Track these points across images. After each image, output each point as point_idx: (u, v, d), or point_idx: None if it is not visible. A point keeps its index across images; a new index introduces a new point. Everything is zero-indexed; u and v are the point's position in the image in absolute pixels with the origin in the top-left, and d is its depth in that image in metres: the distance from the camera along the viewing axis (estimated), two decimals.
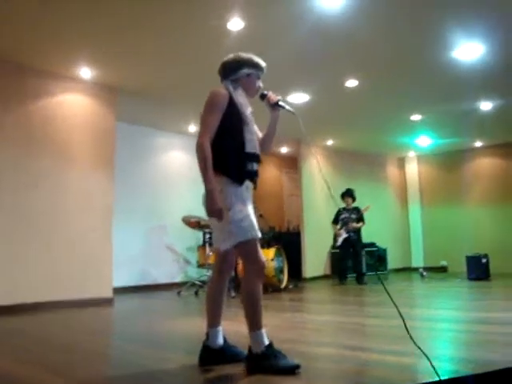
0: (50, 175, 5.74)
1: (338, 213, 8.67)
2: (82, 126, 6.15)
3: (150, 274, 7.93)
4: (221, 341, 2.66)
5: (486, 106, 7.48)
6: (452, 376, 2.18)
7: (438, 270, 10.45)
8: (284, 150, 10.95)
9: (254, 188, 2.67)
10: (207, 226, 7.38)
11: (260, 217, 8.08)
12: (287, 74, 6.11)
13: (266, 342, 2.43)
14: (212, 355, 2.62)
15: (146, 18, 4.65)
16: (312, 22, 4.66)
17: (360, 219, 8.51)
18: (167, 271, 8.19)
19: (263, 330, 2.46)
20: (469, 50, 5.39)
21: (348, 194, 8.68)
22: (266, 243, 7.62)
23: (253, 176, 2.59)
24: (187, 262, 8.45)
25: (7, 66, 5.48)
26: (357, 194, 8.79)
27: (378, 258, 10.27)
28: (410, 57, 5.61)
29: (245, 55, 2.69)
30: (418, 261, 11.51)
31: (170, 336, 3.79)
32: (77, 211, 5.93)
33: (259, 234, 2.52)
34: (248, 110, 2.63)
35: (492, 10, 4.55)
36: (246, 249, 2.49)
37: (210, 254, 7.16)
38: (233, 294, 6.50)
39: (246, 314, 2.49)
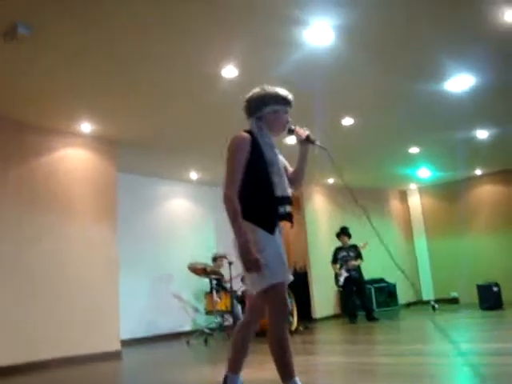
0: (53, 229, 5.74)
1: (336, 252, 8.77)
2: (83, 180, 6.20)
3: (157, 324, 7.82)
4: None
5: (481, 134, 7.53)
6: None
7: (449, 302, 10.30)
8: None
9: (291, 227, 2.57)
10: (214, 273, 7.34)
11: None
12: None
13: None
14: None
15: (141, 72, 4.76)
16: (303, 62, 4.72)
17: (358, 256, 8.55)
18: (175, 320, 8.08)
19: (297, 379, 2.33)
20: (460, 81, 5.48)
21: (343, 233, 8.77)
22: None
23: (287, 218, 2.49)
24: (195, 309, 8.35)
25: (7, 122, 5.56)
26: (361, 231, 8.76)
27: (388, 293, 10.13)
28: (403, 91, 5.69)
29: (270, 89, 2.59)
30: (428, 294, 11.35)
31: None
32: (81, 264, 5.90)
33: (291, 278, 2.44)
34: (274, 152, 2.54)
35: (480, 44, 4.65)
36: (275, 292, 2.35)
37: (218, 300, 7.09)
38: None
39: (279, 363, 2.34)
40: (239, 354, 2.58)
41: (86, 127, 6.03)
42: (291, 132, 2.66)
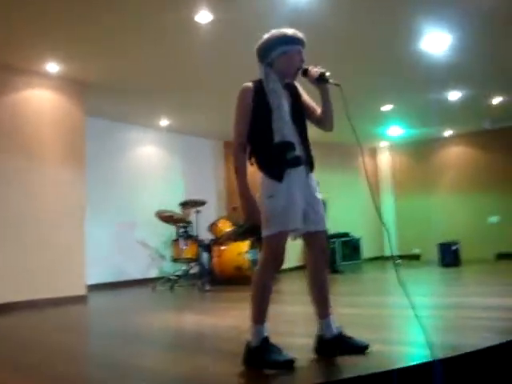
0: (19, 172, 5.63)
1: None
2: (50, 122, 6.04)
3: (124, 270, 7.85)
4: (334, 331, 2.50)
5: (454, 95, 7.59)
6: (424, 361, 2.21)
7: (410, 258, 10.61)
8: None
9: (311, 171, 2.58)
10: (180, 220, 7.35)
11: (233, 210, 8.09)
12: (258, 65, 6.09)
13: (264, 335, 2.34)
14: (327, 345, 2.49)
15: (111, 11, 4.56)
16: (283, 14, 4.62)
17: None
18: (142, 267, 8.12)
19: (264, 325, 2.36)
20: (436, 40, 5.45)
21: None
22: (241, 236, 7.61)
23: (295, 163, 2.44)
24: (162, 256, 8.39)
25: None
26: (330, 185, 8.84)
27: (353, 247, 10.35)
28: (379, 48, 5.65)
29: (276, 32, 2.50)
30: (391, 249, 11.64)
31: (146, 332, 3.76)
32: (48, 207, 5.83)
33: (297, 226, 2.41)
34: (280, 97, 2.48)
35: (457, 3, 4.61)
36: (274, 240, 2.38)
37: (184, 247, 7.12)
38: (207, 287, 6.49)
39: (252, 304, 2.40)
40: (319, 298, 2.56)
41: (52, 67, 5.81)
42: (305, 73, 2.56)
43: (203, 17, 4.70)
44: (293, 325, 3.80)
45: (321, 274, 2.56)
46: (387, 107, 8.29)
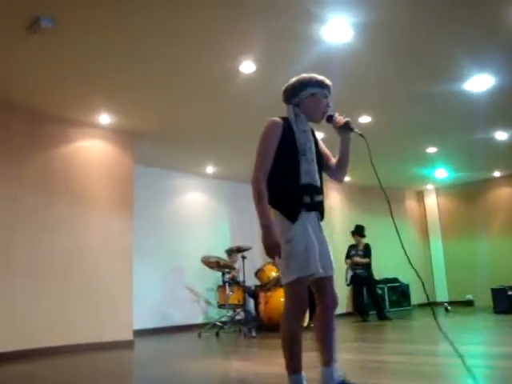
0: (69, 219, 5.83)
1: (349, 250, 8.88)
2: (100, 171, 6.29)
3: (170, 315, 7.90)
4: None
5: (501, 135, 7.45)
6: None
7: (463, 304, 10.22)
8: None
9: (321, 219, 2.52)
10: (226, 266, 7.38)
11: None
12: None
13: None
14: None
15: (160, 66, 4.81)
16: (321, 58, 4.71)
17: (366, 255, 8.56)
18: (187, 313, 8.15)
19: (301, 375, 2.31)
20: (479, 81, 5.43)
21: (356, 231, 8.79)
22: None
23: (314, 207, 2.42)
24: (207, 302, 8.41)
25: (28, 113, 5.67)
26: (377, 229, 8.76)
27: (402, 293, 10.10)
28: (422, 89, 5.65)
29: (306, 75, 2.53)
30: (442, 295, 11.27)
31: (191, 378, 3.75)
32: (96, 254, 5.99)
33: (321, 271, 2.36)
34: (308, 138, 2.49)
35: (499, 45, 4.60)
36: (298, 286, 2.31)
37: (230, 293, 7.12)
38: (253, 333, 6.42)
39: (284, 356, 2.33)
40: (325, 346, 2.51)
41: (104, 119, 6.10)
42: (330, 119, 2.60)
43: (247, 67, 4.87)
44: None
45: (331, 321, 2.50)
46: (432, 149, 8.20)
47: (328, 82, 2.56)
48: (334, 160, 2.66)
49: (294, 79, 2.56)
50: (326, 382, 2.42)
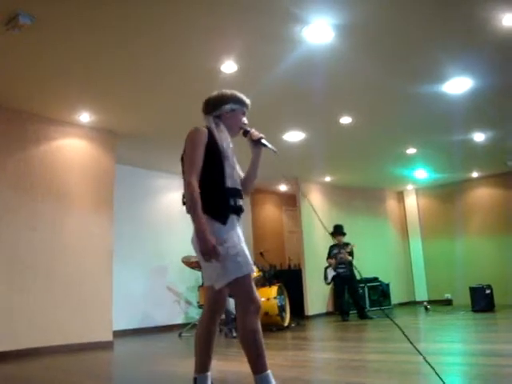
0: (50, 218, 5.77)
1: (330, 249, 8.89)
2: (81, 170, 6.23)
3: (150, 316, 7.86)
4: None
5: (479, 136, 7.56)
6: None
7: (442, 303, 10.35)
8: (283, 187, 11.03)
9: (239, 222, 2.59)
10: None
11: (260, 255, 8.09)
12: (282, 113, 6.23)
13: None
14: None
15: (141, 64, 4.78)
16: (302, 59, 4.76)
17: (350, 254, 8.60)
18: (168, 313, 8.12)
19: (269, 372, 2.31)
20: (458, 83, 5.51)
21: (336, 231, 8.80)
22: (268, 281, 7.58)
23: (237, 211, 2.51)
24: (188, 302, 8.38)
25: (8, 112, 5.60)
26: (357, 229, 8.83)
27: (382, 293, 10.18)
28: (402, 91, 5.71)
29: (228, 91, 2.69)
30: (421, 294, 11.40)
31: (171, 378, 3.74)
32: (77, 253, 5.93)
33: (254, 269, 2.44)
34: (228, 146, 2.58)
35: (479, 47, 4.68)
36: (242, 285, 2.37)
37: None
38: (234, 334, 6.42)
39: (250, 356, 2.32)
40: (205, 351, 2.55)
41: (84, 117, 6.05)
42: (246, 133, 2.70)
43: (228, 67, 4.87)
44: (321, 371, 3.73)
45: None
46: (412, 150, 8.29)
47: (247, 101, 2.72)
48: (242, 175, 2.71)
49: (216, 92, 2.71)
50: None
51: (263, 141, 2.65)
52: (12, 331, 5.17)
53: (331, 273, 8.62)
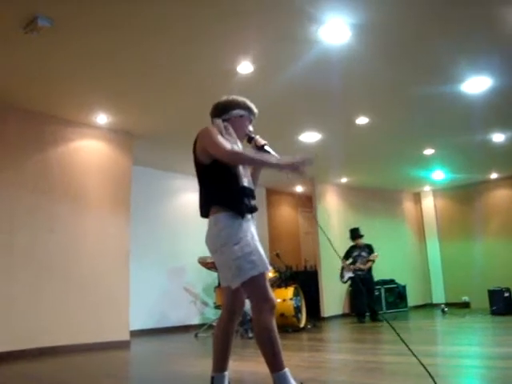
0: (67, 219, 5.83)
1: (350, 250, 8.80)
2: (98, 171, 6.29)
3: (167, 316, 7.89)
4: None
5: (498, 137, 7.47)
6: None
7: (459, 306, 10.24)
8: (299, 189, 11.01)
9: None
10: None
11: (276, 256, 8.07)
12: (298, 113, 6.22)
13: (294, 382, 2.29)
14: None
15: (158, 64, 4.81)
16: (319, 59, 4.74)
17: (370, 254, 8.54)
18: (184, 313, 8.15)
19: (287, 370, 2.31)
20: (477, 83, 5.44)
21: (355, 235, 8.73)
22: (284, 282, 7.57)
23: (252, 210, 2.53)
24: (204, 303, 8.40)
25: (25, 113, 5.67)
26: (374, 231, 8.78)
27: (398, 295, 10.11)
28: (419, 91, 5.65)
29: (239, 98, 2.75)
30: (438, 297, 11.29)
31: (187, 378, 3.75)
32: (94, 254, 5.98)
33: (269, 267, 2.45)
34: (239, 148, 2.62)
35: (497, 46, 4.62)
36: (257, 284, 2.37)
37: None
38: (250, 334, 6.42)
39: (266, 355, 2.33)
40: (223, 351, 2.56)
41: (101, 119, 6.10)
42: (251, 140, 2.76)
43: (245, 67, 4.88)
44: (337, 373, 3.72)
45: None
46: (429, 151, 8.21)
47: (255, 110, 2.79)
48: None
49: (226, 97, 2.78)
50: None
51: (266, 147, 2.69)
52: (31, 331, 5.23)
53: (348, 273, 8.55)
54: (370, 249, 8.62)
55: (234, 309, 2.59)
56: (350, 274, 8.51)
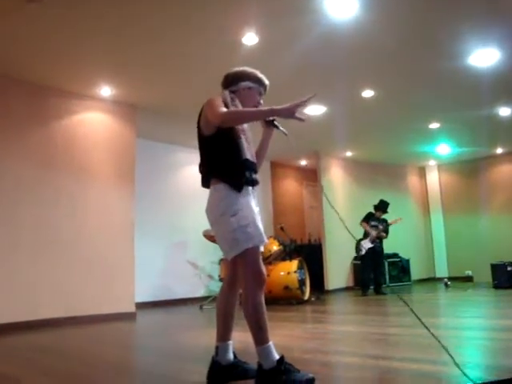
0: (71, 192, 5.85)
1: (369, 215, 8.68)
2: (102, 144, 6.27)
3: (172, 288, 7.97)
4: (231, 356, 2.54)
5: (504, 111, 7.39)
6: (478, 382, 2.14)
7: (463, 280, 10.30)
8: (303, 162, 10.98)
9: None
10: None
11: (281, 229, 8.10)
12: (303, 86, 6.15)
13: (277, 356, 2.28)
14: (221, 371, 2.50)
15: (161, 38, 4.75)
16: (325, 32, 4.69)
17: (385, 231, 8.49)
18: (189, 286, 8.22)
19: (271, 343, 2.31)
20: (484, 56, 5.37)
21: (382, 208, 8.63)
22: (288, 255, 7.61)
23: (253, 183, 2.50)
24: (209, 276, 8.47)
25: (30, 86, 5.64)
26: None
27: (402, 268, 10.17)
28: (426, 64, 5.59)
29: (249, 69, 2.67)
30: (442, 271, 11.35)
31: (192, 349, 3.80)
32: (98, 227, 6.02)
33: (266, 240, 2.43)
34: None
35: (505, 17, 4.54)
36: (250, 257, 2.35)
37: None
38: None
39: (252, 329, 2.33)
40: (225, 321, 2.60)
41: (105, 91, 6.06)
42: None
43: (250, 39, 4.82)
44: (340, 343, 3.76)
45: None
46: (435, 125, 8.15)
47: (266, 81, 2.69)
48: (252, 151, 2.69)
49: (236, 68, 2.68)
50: (220, 359, 2.53)
51: (275, 122, 2.64)
52: (38, 302, 5.31)
53: (367, 244, 8.43)
54: (386, 223, 8.58)
55: (233, 280, 2.59)
56: (370, 245, 8.43)
